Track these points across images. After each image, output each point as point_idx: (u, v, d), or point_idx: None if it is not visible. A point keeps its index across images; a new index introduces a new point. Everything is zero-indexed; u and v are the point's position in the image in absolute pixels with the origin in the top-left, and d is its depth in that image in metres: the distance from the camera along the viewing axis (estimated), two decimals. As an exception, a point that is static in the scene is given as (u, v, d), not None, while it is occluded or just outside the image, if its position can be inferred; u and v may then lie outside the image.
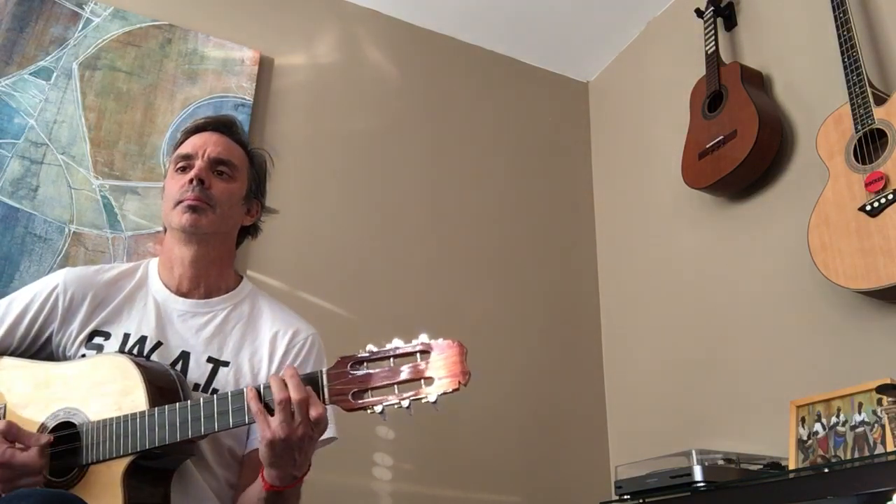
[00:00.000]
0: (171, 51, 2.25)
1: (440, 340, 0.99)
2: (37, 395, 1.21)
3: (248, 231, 1.44)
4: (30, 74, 2.04)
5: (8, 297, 1.33)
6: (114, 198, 2.04)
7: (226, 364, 1.29)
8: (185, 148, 1.35)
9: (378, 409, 0.98)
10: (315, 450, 1.10)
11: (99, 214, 2.00)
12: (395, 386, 0.98)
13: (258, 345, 1.32)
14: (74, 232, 1.96)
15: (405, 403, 0.97)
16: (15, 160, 1.95)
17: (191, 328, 1.31)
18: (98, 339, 1.28)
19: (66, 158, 2.01)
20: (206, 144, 1.34)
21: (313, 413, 1.01)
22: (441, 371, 0.96)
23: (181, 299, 1.33)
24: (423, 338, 0.99)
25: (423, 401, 0.97)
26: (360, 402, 1.00)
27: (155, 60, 2.22)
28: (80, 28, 2.15)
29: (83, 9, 2.17)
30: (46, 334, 1.29)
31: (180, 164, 1.34)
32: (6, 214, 1.89)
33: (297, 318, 1.40)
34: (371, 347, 1.01)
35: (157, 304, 1.32)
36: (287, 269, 2.20)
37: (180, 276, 1.33)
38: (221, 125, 1.40)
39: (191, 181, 1.29)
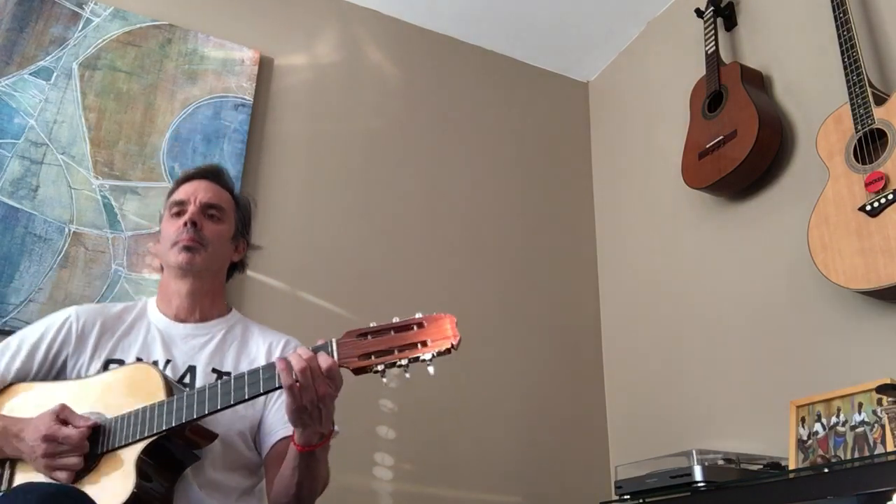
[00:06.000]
0: (171, 51, 2.25)
1: (434, 314, 1.14)
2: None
3: (237, 266, 1.59)
4: (30, 74, 2.04)
5: (18, 333, 1.43)
6: (114, 198, 2.04)
7: (227, 374, 1.40)
8: (179, 195, 1.50)
9: (380, 367, 1.12)
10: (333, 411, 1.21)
11: (99, 214, 2.01)
12: (395, 349, 1.12)
13: (254, 357, 1.46)
14: (74, 232, 1.96)
15: (404, 361, 1.11)
16: (15, 160, 1.95)
17: (194, 347, 1.45)
18: (113, 367, 1.37)
19: (66, 158, 2.01)
20: (197, 191, 1.49)
21: (323, 365, 1.14)
22: (435, 335, 1.11)
23: (181, 324, 1.46)
24: (419, 314, 1.15)
25: (420, 359, 1.11)
26: (365, 362, 1.13)
27: (155, 60, 2.22)
28: (80, 28, 2.15)
29: (83, 9, 2.17)
30: (62, 360, 1.39)
31: (175, 210, 1.49)
32: (6, 214, 1.89)
33: (284, 334, 1.55)
34: (373, 323, 1.15)
35: (160, 332, 1.45)
36: (287, 269, 2.20)
37: (177, 307, 1.47)
38: (210, 173, 1.55)
39: (185, 224, 1.44)
